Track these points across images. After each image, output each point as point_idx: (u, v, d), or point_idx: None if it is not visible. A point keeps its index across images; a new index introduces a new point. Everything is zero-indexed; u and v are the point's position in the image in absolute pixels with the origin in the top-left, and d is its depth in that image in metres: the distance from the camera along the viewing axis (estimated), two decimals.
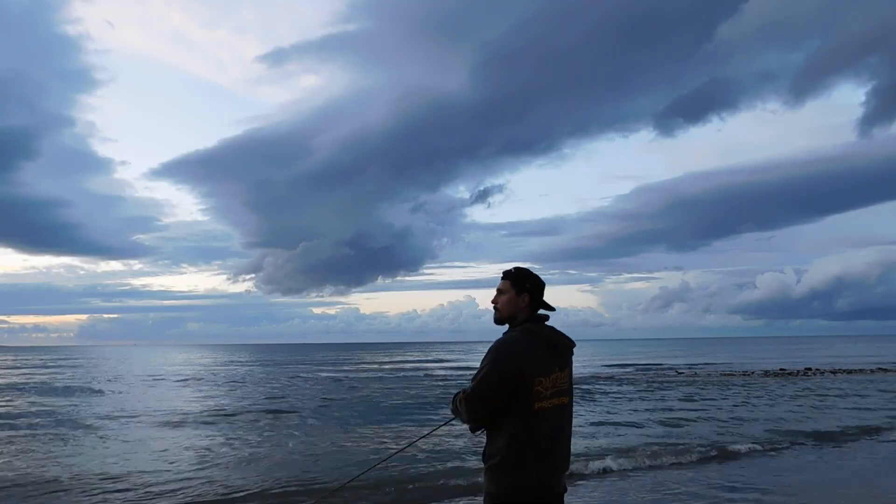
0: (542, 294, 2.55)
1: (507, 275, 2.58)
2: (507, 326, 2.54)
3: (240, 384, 28.65)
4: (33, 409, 18.04)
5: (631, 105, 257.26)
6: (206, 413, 16.74)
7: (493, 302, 2.60)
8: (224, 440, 12.27)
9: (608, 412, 16.33)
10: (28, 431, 13.43)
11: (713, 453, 10.33)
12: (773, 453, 10.43)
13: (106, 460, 10.19)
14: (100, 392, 24.07)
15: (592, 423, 14.01)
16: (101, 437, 12.61)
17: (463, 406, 2.42)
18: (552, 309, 2.56)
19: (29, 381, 31.13)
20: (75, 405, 19.02)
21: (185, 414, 16.48)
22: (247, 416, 16.19)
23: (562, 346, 2.50)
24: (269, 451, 11.16)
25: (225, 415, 16.43)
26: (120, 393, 23.82)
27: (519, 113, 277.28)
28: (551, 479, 2.38)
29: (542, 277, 2.58)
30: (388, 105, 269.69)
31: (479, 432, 2.49)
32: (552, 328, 2.54)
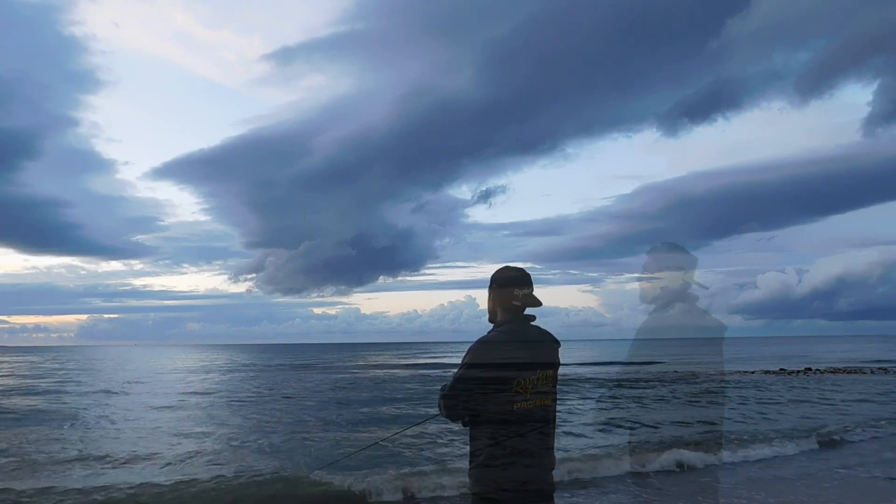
0: (510, 291, 2.46)
1: None
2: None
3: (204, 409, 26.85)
4: None
5: (635, 105, 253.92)
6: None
7: None
8: None
9: None
10: None
11: None
12: None
13: None
14: None
15: None
16: None
17: (441, 403, 2.42)
18: (538, 303, 2.46)
19: None
20: None
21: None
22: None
23: (545, 345, 2.46)
24: None
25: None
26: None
27: (523, 113, 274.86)
28: (536, 479, 2.35)
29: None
30: (392, 104, 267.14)
31: (463, 429, 2.46)
32: (537, 328, 2.49)
